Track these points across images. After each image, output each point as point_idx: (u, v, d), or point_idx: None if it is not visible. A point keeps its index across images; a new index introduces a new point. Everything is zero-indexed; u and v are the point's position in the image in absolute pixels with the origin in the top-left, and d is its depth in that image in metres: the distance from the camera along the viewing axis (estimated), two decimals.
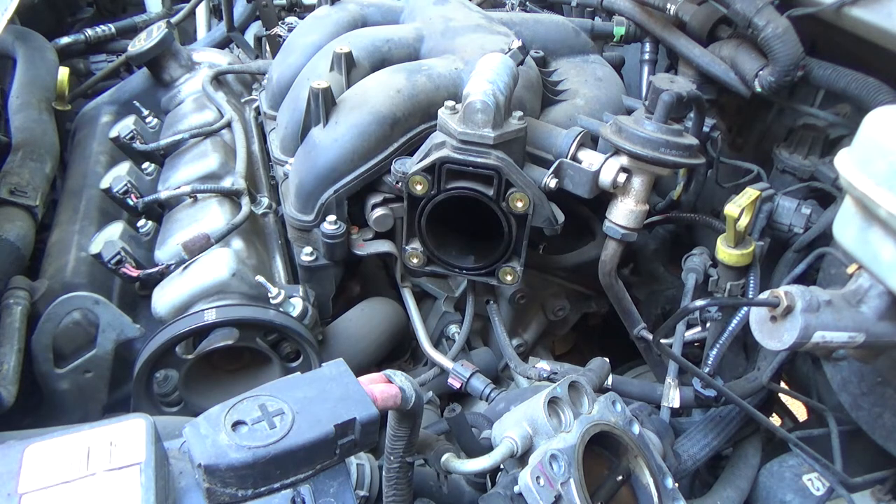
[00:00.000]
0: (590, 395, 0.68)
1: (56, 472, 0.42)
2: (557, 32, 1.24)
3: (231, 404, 0.48)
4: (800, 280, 0.93)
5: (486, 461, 0.61)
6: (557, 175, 0.91)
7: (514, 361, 0.99)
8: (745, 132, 1.24)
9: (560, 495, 0.58)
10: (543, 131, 0.98)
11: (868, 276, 0.66)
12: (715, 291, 0.92)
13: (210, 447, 0.44)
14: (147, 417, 0.48)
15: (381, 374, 0.56)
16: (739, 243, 0.87)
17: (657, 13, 1.16)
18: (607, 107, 1.10)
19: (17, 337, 0.86)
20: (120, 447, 0.44)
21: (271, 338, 0.93)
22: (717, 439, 0.90)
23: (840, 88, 0.95)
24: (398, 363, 1.15)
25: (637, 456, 0.67)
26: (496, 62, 0.89)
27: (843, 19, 0.88)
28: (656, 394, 0.89)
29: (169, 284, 0.95)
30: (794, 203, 0.95)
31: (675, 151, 0.85)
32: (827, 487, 0.86)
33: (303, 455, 0.46)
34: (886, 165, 0.56)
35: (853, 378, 0.83)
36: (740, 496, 0.90)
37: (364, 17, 1.25)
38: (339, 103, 0.97)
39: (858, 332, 0.65)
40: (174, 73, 1.45)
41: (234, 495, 0.44)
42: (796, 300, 0.63)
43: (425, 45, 1.13)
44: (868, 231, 0.60)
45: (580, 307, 1.22)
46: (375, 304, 1.09)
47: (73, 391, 0.90)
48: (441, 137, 0.90)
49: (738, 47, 1.04)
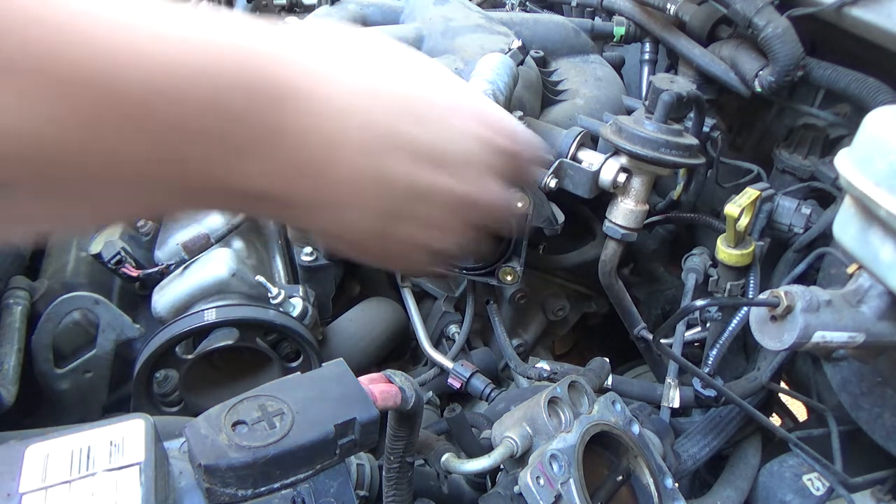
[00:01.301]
0: (590, 395, 0.68)
1: (56, 472, 0.42)
2: (557, 32, 1.24)
3: (231, 404, 0.48)
4: (800, 280, 0.93)
5: (486, 461, 0.61)
6: (557, 175, 0.91)
7: (514, 361, 0.99)
8: (745, 132, 1.24)
9: (560, 495, 0.58)
10: (543, 131, 0.98)
11: (868, 276, 0.66)
12: (715, 291, 0.92)
13: (210, 447, 0.44)
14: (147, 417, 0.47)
15: (381, 374, 0.56)
16: (739, 243, 0.87)
17: (657, 13, 1.16)
18: (607, 107, 1.10)
19: (17, 337, 0.86)
20: (120, 447, 0.44)
21: (271, 338, 0.93)
22: (717, 439, 0.90)
23: (840, 88, 0.95)
24: (398, 363, 1.15)
25: (637, 456, 0.67)
26: (496, 62, 0.89)
27: (843, 19, 0.88)
28: (656, 394, 0.90)
29: (169, 284, 0.95)
30: (794, 203, 0.95)
31: (675, 151, 0.85)
32: (827, 487, 0.86)
33: (303, 455, 0.46)
34: (886, 165, 0.56)
35: (853, 378, 0.83)
36: (740, 496, 0.90)
37: (364, 17, 1.25)
38: None
39: (858, 332, 0.65)
40: None
41: (234, 495, 0.44)
42: (796, 300, 0.63)
43: (425, 45, 1.13)
44: (868, 231, 0.60)
45: (580, 307, 1.22)
46: (375, 304, 1.09)
47: (73, 391, 0.90)
48: None
49: (738, 47, 1.04)
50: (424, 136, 0.44)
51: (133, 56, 0.34)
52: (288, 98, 0.40)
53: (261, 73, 0.39)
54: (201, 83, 0.37)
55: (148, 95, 0.35)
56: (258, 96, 0.39)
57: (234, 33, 0.39)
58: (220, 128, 0.38)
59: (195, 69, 0.36)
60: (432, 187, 0.45)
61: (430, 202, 0.45)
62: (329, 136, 0.42)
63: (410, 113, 0.44)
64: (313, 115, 0.41)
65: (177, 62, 0.36)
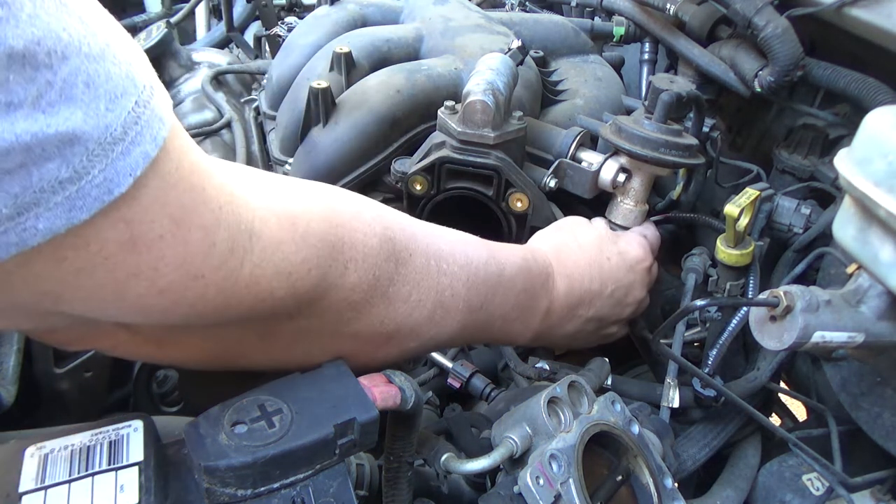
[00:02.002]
0: (589, 394, 0.68)
1: (56, 472, 0.42)
2: (557, 32, 1.24)
3: (231, 404, 0.48)
4: (799, 280, 0.93)
5: (486, 461, 0.61)
6: (557, 175, 0.91)
7: (514, 361, 0.99)
8: (745, 132, 1.24)
9: (560, 495, 0.58)
10: (543, 131, 0.98)
11: (868, 276, 0.66)
12: (715, 291, 0.92)
13: (210, 447, 0.44)
14: (147, 417, 0.48)
15: (381, 374, 0.56)
16: (739, 243, 0.86)
17: (657, 13, 1.16)
18: (607, 107, 1.10)
19: (17, 337, 0.86)
20: (120, 447, 0.44)
21: None
22: (717, 439, 0.90)
23: (840, 88, 0.95)
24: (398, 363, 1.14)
25: (637, 456, 0.67)
26: (496, 62, 0.89)
27: (843, 19, 0.87)
28: (656, 394, 0.89)
29: None
30: (794, 203, 0.95)
31: (675, 151, 0.85)
32: (826, 487, 0.86)
33: (302, 455, 0.46)
34: (886, 165, 0.56)
35: (853, 378, 0.83)
36: (740, 496, 0.90)
37: (364, 17, 1.25)
38: (339, 103, 0.97)
39: (858, 332, 0.65)
40: (174, 73, 1.45)
41: (234, 495, 0.44)
42: (796, 300, 0.63)
43: (425, 44, 1.13)
44: (868, 231, 0.60)
45: None
46: None
47: (73, 391, 0.90)
48: (441, 137, 0.90)
49: (738, 47, 1.04)
50: (610, 310, 0.86)
51: (502, 291, 0.70)
52: (548, 286, 0.77)
53: (543, 263, 0.78)
54: (522, 288, 0.73)
55: (504, 301, 0.71)
56: (540, 288, 0.75)
57: (525, 248, 0.77)
58: (521, 308, 0.74)
59: (521, 276, 0.73)
60: (619, 306, 0.88)
61: (620, 313, 0.89)
62: (560, 296, 0.78)
63: (598, 278, 0.83)
64: (558, 297, 0.78)
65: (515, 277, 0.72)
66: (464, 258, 0.64)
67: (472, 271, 0.64)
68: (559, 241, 0.84)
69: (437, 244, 0.62)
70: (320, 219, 0.51)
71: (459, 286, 0.62)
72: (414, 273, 0.58)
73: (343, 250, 0.52)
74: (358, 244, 0.53)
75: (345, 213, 0.54)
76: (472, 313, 0.64)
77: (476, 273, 0.64)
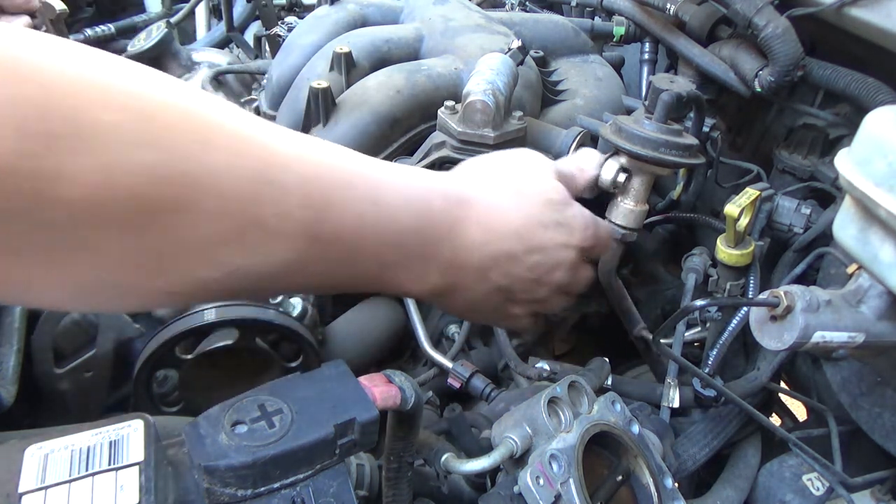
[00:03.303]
0: (589, 395, 0.68)
1: (56, 472, 0.42)
2: (557, 32, 1.24)
3: (231, 404, 0.48)
4: (800, 280, 0.93)
5: (486, 461, 0.61)
6: None
7: (514, 361, 0.99)
8: (745, 132, 1.24)
9: (560, 495, 0.58)
10: (543, 131, 0.98)
11: (868, 276, 0.66)
12: (715, 291, 0.92)
13: (210, 447, 0.44)
14: (147, 417, 0.48)
15: (381, 374, 0.56)
16: (739, 243, 0.87)
17: (657, 13, 1.16)
18: (607, 107, 1.10)
19: (17, 337, 0.86)
20: (120, 447, 0.44)
21: (271, 338, 0.93)
22: (717, 439, 0.90)
23: (840, 88, 0.95)
24: (398, 363, 1.15)
25: (637, 456, 0.67)
26: (496, 62, 0.89)
27: (843, 19, 0.88)
28: (656, 394, 0.90)
29: None
30: (794, 203, 0.95)
31: (675, 151, 0.85)
32: (827, 487, 0.86)
33: (302, 455, 0.46)
34: (886, 165, 0.56)
35: (853, 378, 0.83)
36: (740, 496, 0.90)
37: (364, 17, 1.25)
38: (339, 103, 0.97)
39: (858, 332, 0.65)
40: (174, 73, 1.45)
41: (234, 495, 0.44)
42: (796, 300, 0.63)
43: (425, 44, 1.13)
44: (868, 231, 0.60)
45: (580, 307, 1.22)
46: (375, 304, 1.09)
47: (73, 391, 0.90)
48: (441, 137, 0.90)
49: (738, 47, 1.04)
50: (524, 284, 0.65)
51: (372, 221, 0.53)
52: (455, 233, 0.59)
53: (455, 202, 0.59)
54: (410, 227, 0.56)
55: (377, 239, 0.54)
56: (443, 231, 0.58)
57: (429, 180, 0.59)
58: (408, 252, 0.57)
59: (410, 211, 0.56)
60: (535, 283, 0.65)
61: (533, 291, 0.66)
62: (472, 248, 0.61)
63: (525, 241, 0.63)
64: (467, 250, 0.60)
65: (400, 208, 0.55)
66: (311, 171, 0.49)
67: (320, 191, 0.50)
68: (491, 181, 0.64)
69: (272, 145, 0.47)
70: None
71: (292, 205, 0.47)
72: (209, 175, 0.42)
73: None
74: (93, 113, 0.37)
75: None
76: (315, 244, 0.50)
77: (326, 195, 0.50)
